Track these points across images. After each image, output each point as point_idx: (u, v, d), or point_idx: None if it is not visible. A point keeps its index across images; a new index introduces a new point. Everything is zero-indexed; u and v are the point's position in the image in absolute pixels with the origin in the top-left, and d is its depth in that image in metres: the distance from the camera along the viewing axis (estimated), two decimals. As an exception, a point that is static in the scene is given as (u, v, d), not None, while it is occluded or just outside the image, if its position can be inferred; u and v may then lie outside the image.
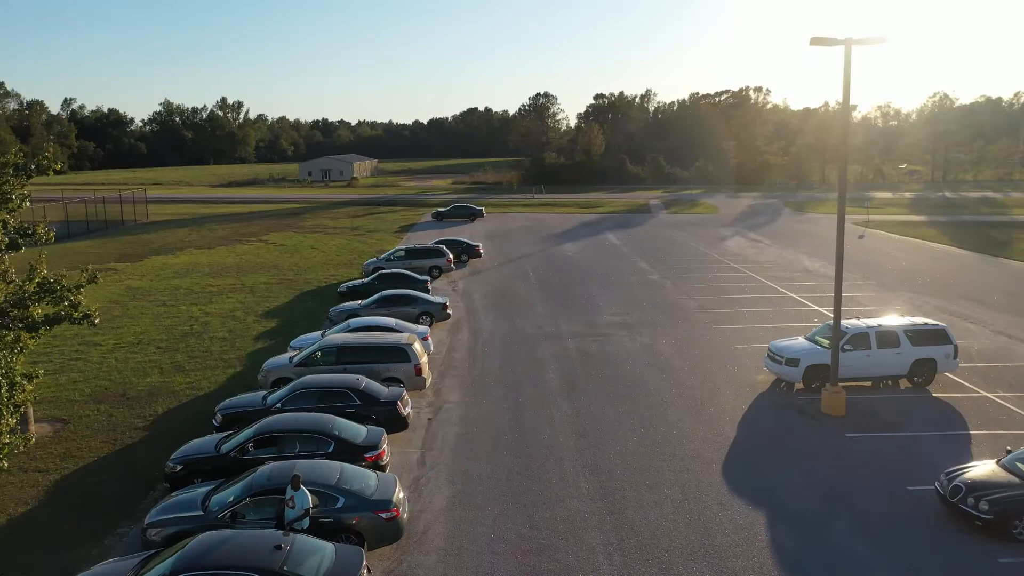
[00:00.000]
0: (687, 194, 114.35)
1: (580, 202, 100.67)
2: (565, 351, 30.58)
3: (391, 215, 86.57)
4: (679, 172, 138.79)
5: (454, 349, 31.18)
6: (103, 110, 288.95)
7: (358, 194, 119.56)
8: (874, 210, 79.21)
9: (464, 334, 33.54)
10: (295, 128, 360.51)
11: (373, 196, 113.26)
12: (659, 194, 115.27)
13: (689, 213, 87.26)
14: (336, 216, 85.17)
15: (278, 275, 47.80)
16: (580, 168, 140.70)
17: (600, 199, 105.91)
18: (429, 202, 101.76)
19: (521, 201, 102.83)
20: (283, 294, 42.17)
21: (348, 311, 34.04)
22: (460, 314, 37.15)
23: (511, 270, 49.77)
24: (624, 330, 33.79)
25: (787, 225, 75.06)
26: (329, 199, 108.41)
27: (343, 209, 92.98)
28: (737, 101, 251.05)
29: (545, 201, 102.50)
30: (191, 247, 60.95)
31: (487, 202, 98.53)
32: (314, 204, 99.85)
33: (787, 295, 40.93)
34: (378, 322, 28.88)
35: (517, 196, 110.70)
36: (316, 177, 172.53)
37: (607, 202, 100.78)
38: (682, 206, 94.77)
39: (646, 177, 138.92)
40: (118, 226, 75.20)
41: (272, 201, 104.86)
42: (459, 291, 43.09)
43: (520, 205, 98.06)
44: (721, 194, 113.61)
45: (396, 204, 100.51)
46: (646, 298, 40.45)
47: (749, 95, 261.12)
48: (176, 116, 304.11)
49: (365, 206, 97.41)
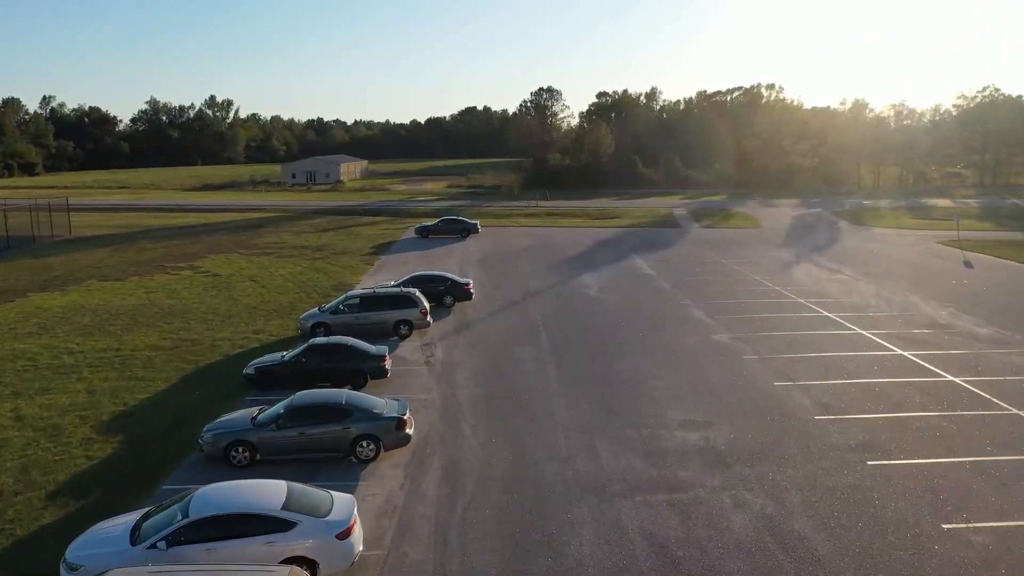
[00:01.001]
0: (714, 202, 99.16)
1: (591, 212, 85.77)
2: (622, 539, 15.77)
3: (368, 229, 71.70)
4: (695, 175, 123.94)
5: (409, 529, 16.39)
6: (85, 108, 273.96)
7: (340, 200, 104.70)
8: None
9: (431, 480, 18.70)
10: (288, 128, 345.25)
11: (355, 203, 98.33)
12: (680, 201, 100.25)
13: (726, 227, 72.36)
14: (301, 230, 70.24)
15: (179, 332, 32.83)
16: (587, 170, 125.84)
17: (614, 207, 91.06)
18: (416, 211, 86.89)
19: (523, 210, 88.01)
20: (164, 374, 27.12)
21: (223, 428, 19.32)
22: (430, 421, 22.43)
23: (513, 321, 34.89)
24: (715, 469, 18.91)
25: (857, 244, 60.12)
26: (303, 206, 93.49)
27: (314, 220, 78.01)
28: (748, 99, 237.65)
29: (550, 209, 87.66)
30: (96, 277, 46.05)
31: (483, 212, 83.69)
32: (282, 214, 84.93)
33: (947, 378, 26.03)
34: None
35: (518, 204, 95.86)
36: (300, 180, 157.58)
37: (623, 212, 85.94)
38: (714, 217, 79.75)
39: (659, 180, 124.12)
40: (26, 244, 60.29)
41: (236, 209, 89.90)
42: (434, 365, 28.26)
43: (521, 215, 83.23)
44: (752, 201, 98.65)
45: (379, 213, 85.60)
46: (724, 382, 25.61)
47: (761, 92, 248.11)
48: (163, 115, 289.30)
49: (342, 216, 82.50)
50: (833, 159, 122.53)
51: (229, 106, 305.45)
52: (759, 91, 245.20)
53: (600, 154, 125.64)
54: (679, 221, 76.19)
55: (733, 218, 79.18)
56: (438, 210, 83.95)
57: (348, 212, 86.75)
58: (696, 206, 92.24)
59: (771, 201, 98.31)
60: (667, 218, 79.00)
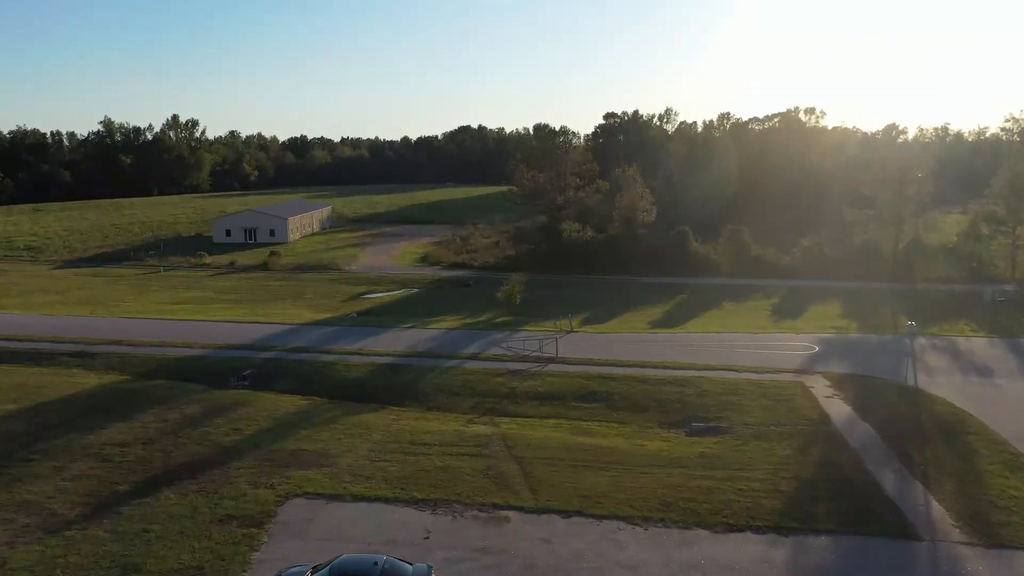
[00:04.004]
0: (867, 338, 58.95)
1: (651, 375, 45.75)
2: None
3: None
4: (775, 256, 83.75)
5: None
6: (24, 130, 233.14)
7: (239, 316, 64.73)
8: None
9: None
10: (263, 148, 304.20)
11: (218, 351, 58.12)
12: (795, 334, 59.65)
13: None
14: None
15: None
16: (618, 245, 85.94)
17: (680, 354, 50.95)
18: (348, 368, 46.91)
19: (529, 372, 48.06)
20: None
21: None
22: None
23: None
24: None
25: None
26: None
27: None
28: (783, 124, 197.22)
29: (578, 369, 47.86)
30: None
31: (465, 369, 43.69)
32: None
33: None
34: None
35: (524, 340, 55.92)
36: (236, 238, 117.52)
37: (697, 377, 45.72)
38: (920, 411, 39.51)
39: (722, 262, 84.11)
40: None
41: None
42: None
43: (529, 396, 43.38)
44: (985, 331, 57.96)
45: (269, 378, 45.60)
46: None
47: (799, 116, 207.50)
48: (118, 136, 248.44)
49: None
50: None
51: (194, 127, 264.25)
52: (795, 115, 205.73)
53: (636, 223, 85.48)
54: (851, 444, 36.12)
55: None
56: (370, 371, 43.80)
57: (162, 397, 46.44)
58: (838, 348, 52.26)
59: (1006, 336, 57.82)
60: (811, 423, 38.84)
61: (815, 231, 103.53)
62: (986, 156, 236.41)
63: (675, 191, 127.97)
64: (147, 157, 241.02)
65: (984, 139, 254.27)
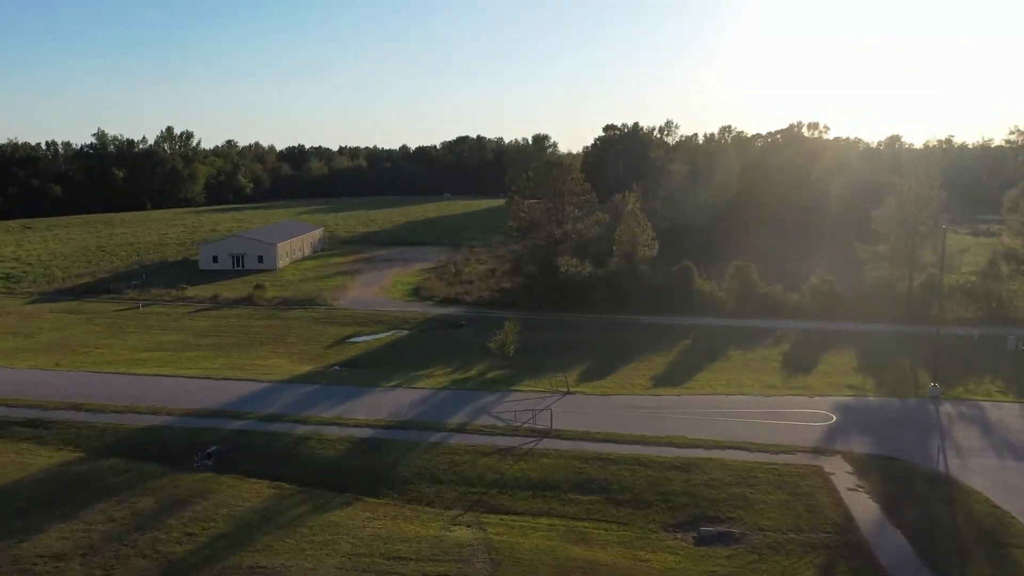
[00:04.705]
0: (889, 404, 54.93)
1: (655, 458, 41.46)
2: None
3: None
4: (783, 294, 79.34)
5: None
6: (15, 143, 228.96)
7: (187, 372, 60.46)
8: None
9: None
10: (259, 159, 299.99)
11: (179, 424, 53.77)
12: (809, 397, 55.57)
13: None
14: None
15: None
16: (617, 281, 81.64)
17: (689, 401, 46.70)
18: (323, 444, 42.59)
19: (522, 447, 43.87)
20: None
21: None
22: None
23: None
24: None
25: None
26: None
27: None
28: (786, 140, 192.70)
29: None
30: None
31: (450, 446, 39.40)
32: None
33: None
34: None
35: (515, 402, 51.73)
36: (224, 264, 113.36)
37: (703, 460, 41.34)
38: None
39: (728, 300, 79.77)
40: None
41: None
42: None
43: (523, 484, 39.14)
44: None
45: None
46: None
47: (800, 132, 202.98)
48: (111, 148, 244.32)
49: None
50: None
51: (189, 138, 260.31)
52: (798, 131, 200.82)
53: (636, 259, 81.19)
54: (883, 562, 31.79)
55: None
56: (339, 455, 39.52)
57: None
58: (857, 416, 48.05)
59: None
60: (835, 528, 34.45)
61: (823, 260, 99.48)
62: (991, 168, 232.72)
63: (676, 212, 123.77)
64: (140, 170, 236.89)
65: (990, 150, 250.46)
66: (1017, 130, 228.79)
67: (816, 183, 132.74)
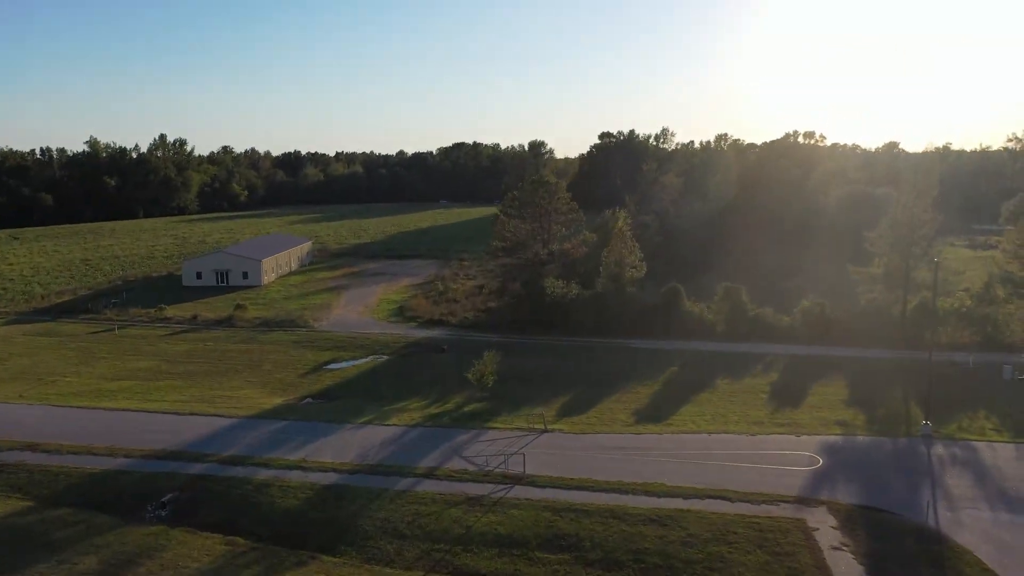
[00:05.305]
0: (878, 444, 52.91)
1: (629, 509, 39.27)
2: None
3: None
4: (773, 317, 77.17)
5: None
6: (5, 151, 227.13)
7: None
8: None
9: None
10: (254, 166, 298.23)
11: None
12: (812, 441, 53.49)
13: None
14: None
15: None
16: (604, 303, 79.57)
17: (671, 441, 44.22)
18: (283, 491, 40.29)
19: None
20: None
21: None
22: None
23: None
24: None
25: None
26: None
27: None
28: (783, 150, 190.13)
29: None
30: None
31: (417, 495, 37.11)
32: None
33: None
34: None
35: (484, 447, 49.66)
36: (208, 280, 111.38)
37: (684, 510, 39.34)
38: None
39: (717, 322, 77.67)
40: None
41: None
42: None
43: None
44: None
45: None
46: None
47: (797, 141, 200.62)
48: (104, 155, 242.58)
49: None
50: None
51: (182, 145, 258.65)
52: (793, 140, 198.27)
53: (623, 280, 79.11)
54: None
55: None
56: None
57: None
58: (845, 459, 45.95)
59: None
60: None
61: (818, 277, 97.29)
62: (990, 175, 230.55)
63: (670, 227, 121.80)
64: (133, 178, 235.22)
65: (988, 157, 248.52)
66: (1015, 137, 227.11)
67: (811, 195, 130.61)
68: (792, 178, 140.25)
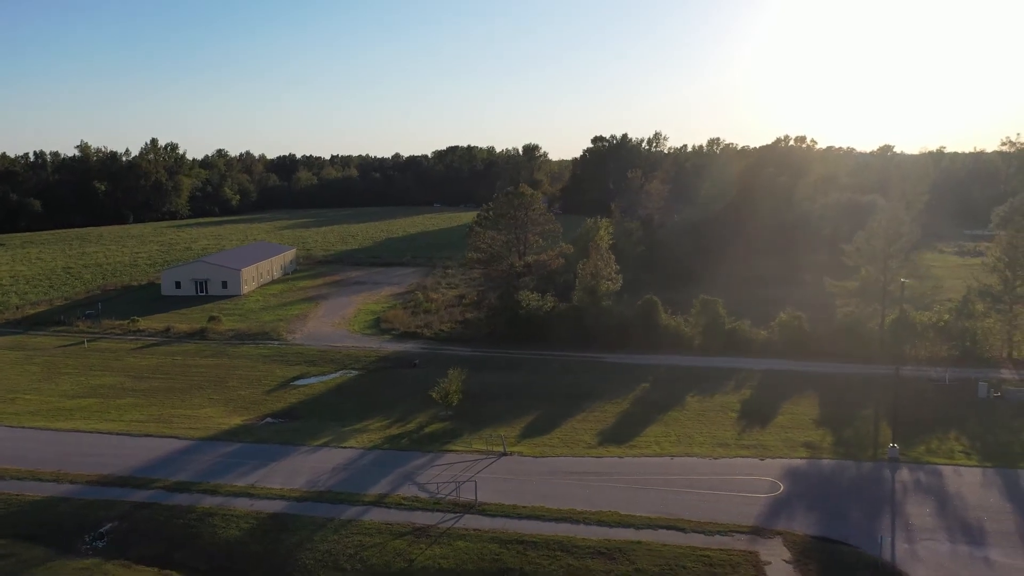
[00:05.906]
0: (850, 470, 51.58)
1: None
2: None
3: None
4: (750, 330, 75.95)
5: None
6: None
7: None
8: None
9: None
10: (246, 170, 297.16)
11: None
12: (776, 464, 52.55)
13: None
14: None
15: None
16: (580, 316, 78.43)
17: (632, 465, 43.08)
18: (227, 521, 39.24)
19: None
20: None
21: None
22: None
23: None
24: None
25: None
26: None
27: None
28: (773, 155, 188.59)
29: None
30: None
31: (362, 525, 35.97)
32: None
33: None
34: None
35: (443, 465, 48.48)
36: (187, 290, 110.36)
37: (633, 542, 38.34)
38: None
39: (693, 335, 76.49)
40: None
41: None
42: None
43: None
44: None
45: None
46: None
47: (788, 146, 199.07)
48: (94, 160, 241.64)
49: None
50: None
51: (174, 150, 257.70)
52: (784, 146, 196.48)
53: (600, 293, 77.95)
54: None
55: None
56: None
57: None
58: (806, 484, 44.81)
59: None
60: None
61: (801, 287, 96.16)
62: (984, 179, 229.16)
63: (654, 234, 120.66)
64: (123, 183, 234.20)
65: (982, 160, 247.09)
66: (1009, 141, 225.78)
67: (800, 203, 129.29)
68: (781, 185, 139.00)
